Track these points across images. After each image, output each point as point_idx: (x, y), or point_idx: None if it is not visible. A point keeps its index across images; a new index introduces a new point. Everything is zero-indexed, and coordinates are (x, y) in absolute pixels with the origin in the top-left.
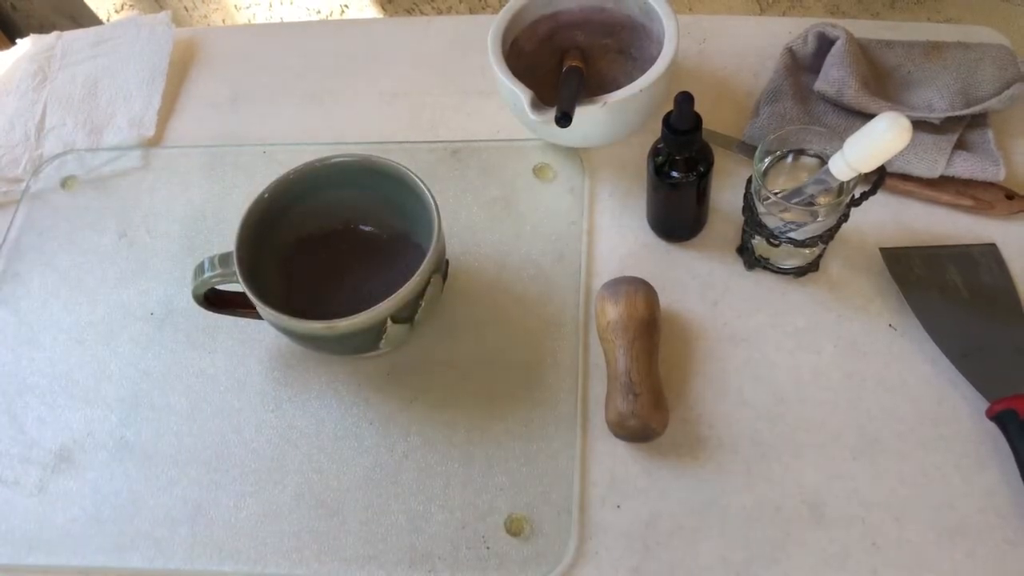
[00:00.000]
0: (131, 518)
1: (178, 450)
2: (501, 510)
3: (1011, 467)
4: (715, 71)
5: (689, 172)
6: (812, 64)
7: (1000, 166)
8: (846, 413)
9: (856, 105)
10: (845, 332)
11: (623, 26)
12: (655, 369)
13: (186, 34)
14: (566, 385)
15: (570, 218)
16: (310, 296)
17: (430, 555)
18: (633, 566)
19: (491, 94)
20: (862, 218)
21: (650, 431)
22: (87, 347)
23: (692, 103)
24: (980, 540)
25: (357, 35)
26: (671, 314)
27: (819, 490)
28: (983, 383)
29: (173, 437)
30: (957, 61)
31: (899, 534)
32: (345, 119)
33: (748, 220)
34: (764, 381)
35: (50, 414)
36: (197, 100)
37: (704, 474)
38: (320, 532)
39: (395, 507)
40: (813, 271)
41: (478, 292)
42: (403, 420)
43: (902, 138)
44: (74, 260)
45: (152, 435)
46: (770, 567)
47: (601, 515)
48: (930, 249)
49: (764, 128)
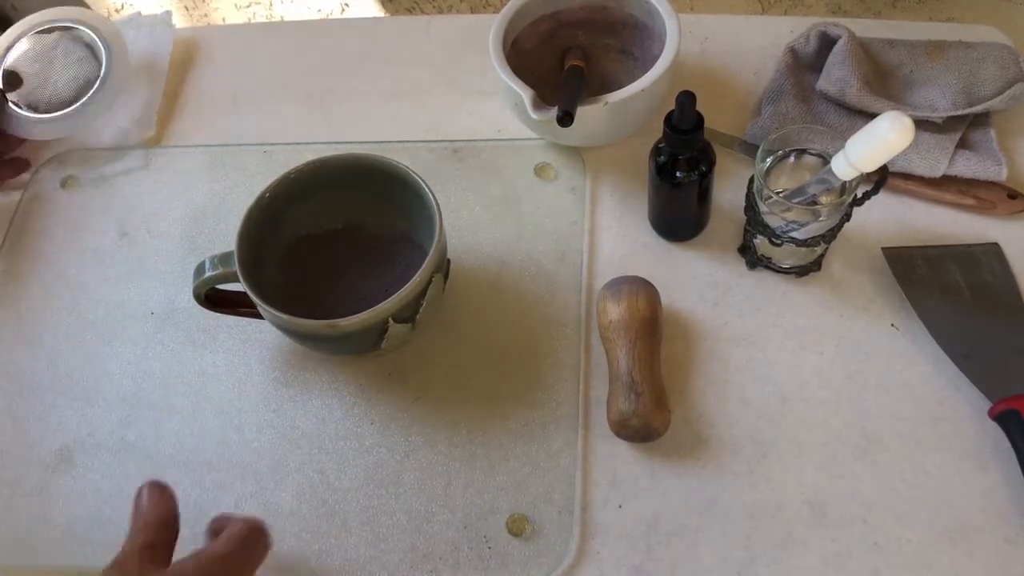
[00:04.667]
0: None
1: (179, 450)
2: (503, 510)
3: (1013, 467)
4: (717, 70)
5: (691, 171)
6: (814, 63)
7: (1002, 165)
8: (848, 413)
9: (858, 104)
10: (847, 332)
11: (625, 25)
12: (657, 369)
13: (186, 33)
14: (567, 385)
15: (571, 217)
16: (310, 296)
17: (431, 555)
18: (635, 566)
19: (492, 93)
20: (864, 218)
21: (652, 431)
22: (87, 347)
23: (694, 102)
24: (981, 540)
25: (358, 34)
26: (673, 314)
27: (820, 490)
28: (985, 383)
29: (174, 437)
30: (959, 60)
31: (900, 534)
32: (346, 118)
33: (750, 219)
34: (766, 381)
35: (50, 414)
36: (197, 100)
37: (706, 474)
38: (321, 532)
39: (396, 507)
40: (815, 271)
41: (479, 291)
42: (405, 420)
43: (904, 137)
44: (74, 260)
45: (153, 435)
46: (771, 567)
47: (603, 515)
48: (932, 249)
49: (766, 127)
